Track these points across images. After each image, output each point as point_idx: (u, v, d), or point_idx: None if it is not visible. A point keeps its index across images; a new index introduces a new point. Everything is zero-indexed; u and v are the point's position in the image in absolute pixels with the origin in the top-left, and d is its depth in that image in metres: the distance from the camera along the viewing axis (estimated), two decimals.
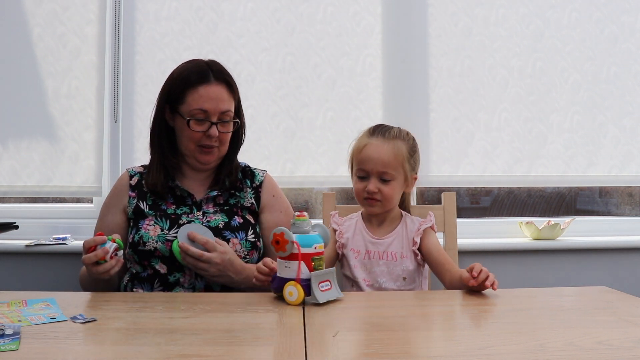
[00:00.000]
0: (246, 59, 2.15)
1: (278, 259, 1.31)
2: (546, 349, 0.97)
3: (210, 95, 1.58)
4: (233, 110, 1.63)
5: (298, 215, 1.32)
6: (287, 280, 1.27)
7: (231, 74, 1.66)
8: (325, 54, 2.17)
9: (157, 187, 1.61)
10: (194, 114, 1.58)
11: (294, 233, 1.29)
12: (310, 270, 1.27)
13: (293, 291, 1.25)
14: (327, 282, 1.29)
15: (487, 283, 1.34)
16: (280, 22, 2.16)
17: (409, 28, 2.19)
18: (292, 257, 1.27)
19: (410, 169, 1.61)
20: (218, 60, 1.66)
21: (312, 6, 2.17)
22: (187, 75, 1.60)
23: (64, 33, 2.11)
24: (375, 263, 1.61)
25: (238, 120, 1.65)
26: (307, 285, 1.26)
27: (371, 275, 1.61)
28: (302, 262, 1.26)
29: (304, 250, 1.27)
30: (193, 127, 1.58)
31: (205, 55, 1.70)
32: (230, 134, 1.64)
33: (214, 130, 1.58)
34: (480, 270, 1.36)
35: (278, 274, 1.30)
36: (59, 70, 2.10)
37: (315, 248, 1.29)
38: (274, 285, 1.31)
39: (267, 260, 1.37)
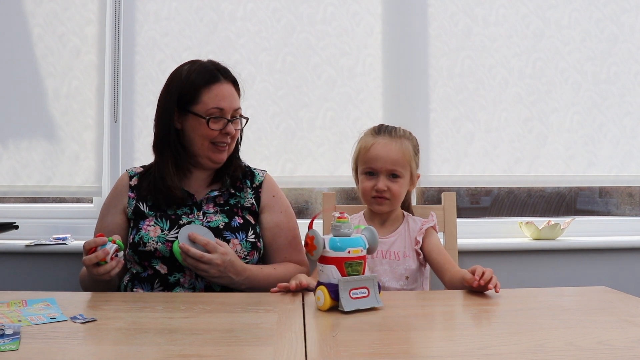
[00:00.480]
0: (246, 59, 2.15)
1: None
2: (546, 349, 0.97)
3: (224, 94, 1.60)
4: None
5: (338, 217, 1.23)
6: (320, 284, 1.22)
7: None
8: (325, 54, 2.17)
9: (176, 191, 1.60)
10: (211, 112, 1.59)
11: (334, 235, 1.23)
12: (343, 275, 1.20)
13: (320, 296, 1.21)
14: (364, 289, 1.21)
15: (491, 285, 1.34)
16: (280, 22, 2.16)
17: (409, 28, 2.19)
18: (323, 260, 1.22)
19: (415, 167, 1.65)
20: (218, 60, 1.67)
21: (312, 6, 2.17)
22: (197, 76, 1.60)
23: (64, 33, 2.11)
24: (378, 262, 1.62)
25: (247, 117, 1.68)
26: (337, 291, 1.20)
27: (374, 274, 1.61)
28: (334, 266, 1.20)
29: (335, 254, 1.20)
30: (212, 125, 1.59)
31: (205, 56, 1.70)
32: (239, 131, 1.67)
33: (231, 128, 1.61)
34: (484, 272, 1.36)
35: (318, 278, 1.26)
36: (59, 70, 2.10)
37: (349, 252, 1.20)
38: (315, 289, 1.26)
39: (302, 276, 1.41)
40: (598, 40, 2.23)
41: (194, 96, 1.59)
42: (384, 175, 1.60)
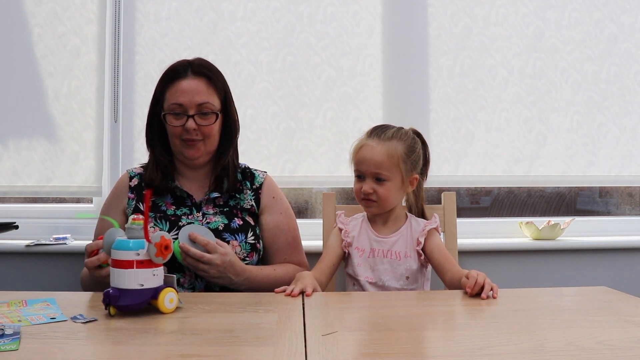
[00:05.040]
0: (246, 59, 2.14)
1: None
2: (546, 349, 0.97)
3: (185, 89, 1.59)
4: (215, 103, 1.62)
5: (134, 219, 1.22)
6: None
7: (229, 73, 1.66)
8: (325, 54, 2.17)
9: (154, 182, 1.62)
10: (171, 108, 1.60)
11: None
12: None
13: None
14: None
15: (484, 295, 1.33)
16: (280, 22, 2.16)
17: (409, 28, 2.19)
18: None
19: (409, 169, 1.61)
20: (218, 60, 1.66)
21: (312, 6, 2.17)
22: (166, 73, 1.63)
23: (64, 33, 2.11)
24: (379, 261, 1.62)
25: (217, 112, 1.62)
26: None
27: (375, 273, 1.62)
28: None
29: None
30: (170, 121, 1.60)
31: (205, 56, 1.70)
32: (212, 126, 1.61)
33: (191, 123, 1.58)
34: (475, 282, 1.36)
35: None
36: (59, 70, 2.10)
37: None
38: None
39: (307, 282, 1.40)
40: (598, 40, 2.23)
41: (162, 94, 1.63)
42: (369, 178, 1.59)
